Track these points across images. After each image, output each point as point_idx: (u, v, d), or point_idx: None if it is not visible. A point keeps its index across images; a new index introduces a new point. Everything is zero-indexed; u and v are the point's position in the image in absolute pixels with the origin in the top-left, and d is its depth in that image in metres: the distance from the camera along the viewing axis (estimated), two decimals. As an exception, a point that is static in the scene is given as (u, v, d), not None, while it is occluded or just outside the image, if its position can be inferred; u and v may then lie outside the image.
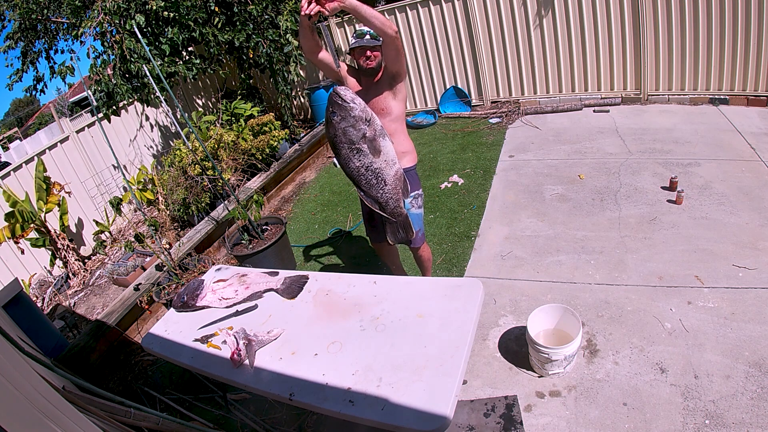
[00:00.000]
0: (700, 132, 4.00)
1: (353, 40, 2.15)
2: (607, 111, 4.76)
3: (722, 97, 4.37)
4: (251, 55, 5.06)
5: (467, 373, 2.12)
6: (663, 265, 2.59)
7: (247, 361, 1.48)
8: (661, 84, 4.68)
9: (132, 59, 4.11)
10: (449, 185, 4.08)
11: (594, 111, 4.84)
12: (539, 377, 2.11)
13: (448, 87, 5.75)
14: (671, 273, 2.53)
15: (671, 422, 1.79)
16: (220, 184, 4.18)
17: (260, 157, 4.80)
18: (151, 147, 6.09)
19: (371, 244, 2.69)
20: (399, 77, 2.11)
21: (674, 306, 2.31)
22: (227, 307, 1.81)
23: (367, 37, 2.11)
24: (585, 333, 2.26)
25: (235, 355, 1.48)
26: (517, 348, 2.28)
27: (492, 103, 5.60)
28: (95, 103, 4.45)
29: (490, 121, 5.23)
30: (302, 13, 1.72)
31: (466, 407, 1.98)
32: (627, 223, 3.03)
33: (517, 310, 2.52)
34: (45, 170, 4.52)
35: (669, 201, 3.14)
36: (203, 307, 1.85)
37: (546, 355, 1.99)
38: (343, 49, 5.97)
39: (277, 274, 1.90)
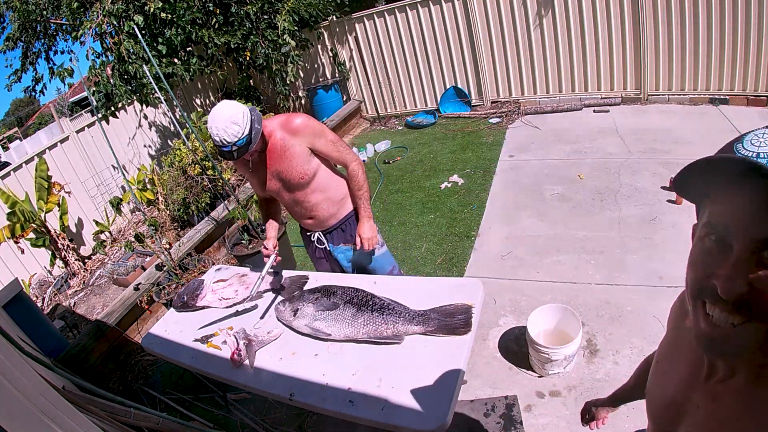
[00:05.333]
0: (700, 132, 4.00)
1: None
2: (607, 111, 4.76)
3: (722, 97, 4.36)
4: (248, 56, 5.06)
5: (467, 373, 2.12)
6: (663, 265, 2.59)
7: (247, 361, 1.48)
8: (661, 84, 4.68)
9: (130, 60, 4.11)
10: (449, 185, 4.08)
11: (594, 111, 4.83)
12: (539, 377, 2.11)
13: (448, 87, 5.74)
14: (671, 273, 2.52)
15: (671, 422, 1.78)
16: (220, 184, 4.17)
17: (260, 157, 4.79)
18: (151, 147, 6.10)
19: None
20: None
21: (674, 306, 2.31)
22: (227, 307, 1.81)
23: (227, 148, 1.57)
24: (585, 333, 2.26)
25: (235, 355, 1.48)
26: (517, 348, 2.28)
27: (492, 103, 5.59)
28: (95, 104, 4.45)
29: (490, 121, 5.22)
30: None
31: (466, 407, 1.98)
32: (627, 223, 3.03)
33: (517, 310, 2.52)
34: (47, 168, 4.52)
35: (669, 201, 3.14)
36: (203, 307, 1.85)
37: (546, 355, 1.99)
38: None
39: (277, 274, 1.90)
